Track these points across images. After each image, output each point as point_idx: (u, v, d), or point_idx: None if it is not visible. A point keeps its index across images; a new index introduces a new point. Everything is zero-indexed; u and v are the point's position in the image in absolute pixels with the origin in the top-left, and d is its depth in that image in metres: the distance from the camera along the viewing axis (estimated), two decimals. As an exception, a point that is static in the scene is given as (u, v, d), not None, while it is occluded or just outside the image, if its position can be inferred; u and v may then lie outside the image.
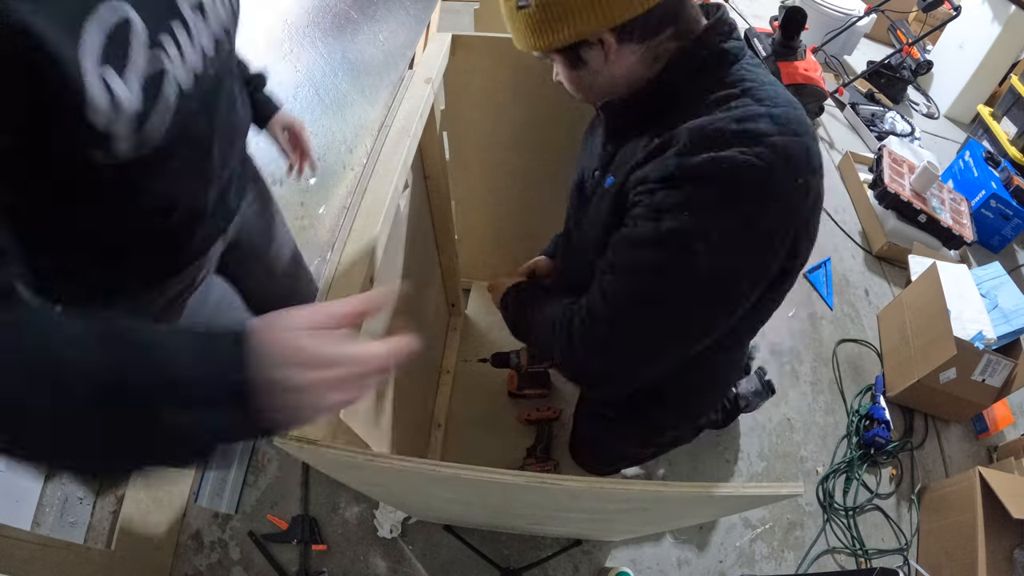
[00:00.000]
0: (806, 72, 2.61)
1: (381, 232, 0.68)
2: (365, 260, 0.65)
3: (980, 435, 1.82)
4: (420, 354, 1.31)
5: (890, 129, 2.81)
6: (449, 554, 1.40)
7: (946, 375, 1.62)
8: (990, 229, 2.39)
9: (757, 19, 3.42)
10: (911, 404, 1.80)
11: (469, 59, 1.08)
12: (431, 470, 0.54)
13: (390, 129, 0.80)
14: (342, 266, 0.64)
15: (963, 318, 1.71)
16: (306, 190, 1.66)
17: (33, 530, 1.28)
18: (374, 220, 0.68)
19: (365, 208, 0.70)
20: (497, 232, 1.57)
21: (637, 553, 1.45)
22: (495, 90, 1.15)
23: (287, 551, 1.39)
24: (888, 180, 2.22)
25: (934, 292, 1.74)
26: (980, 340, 1.64)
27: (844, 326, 2.02)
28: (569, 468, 1.46)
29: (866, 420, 1.74)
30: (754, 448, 1.68)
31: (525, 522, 1.12)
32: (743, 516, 1.55)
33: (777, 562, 1.49)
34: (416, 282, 1.14)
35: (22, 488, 1.29)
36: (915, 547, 1.56)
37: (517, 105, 1.17)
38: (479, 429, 1.51)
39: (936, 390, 1.67)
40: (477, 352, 1.62)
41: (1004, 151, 2.62)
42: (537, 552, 1.41)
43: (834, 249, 2.26)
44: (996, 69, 2.99)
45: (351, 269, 0.64)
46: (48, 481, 1.36)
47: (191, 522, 1.42)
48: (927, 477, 1.71)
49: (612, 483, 0.53)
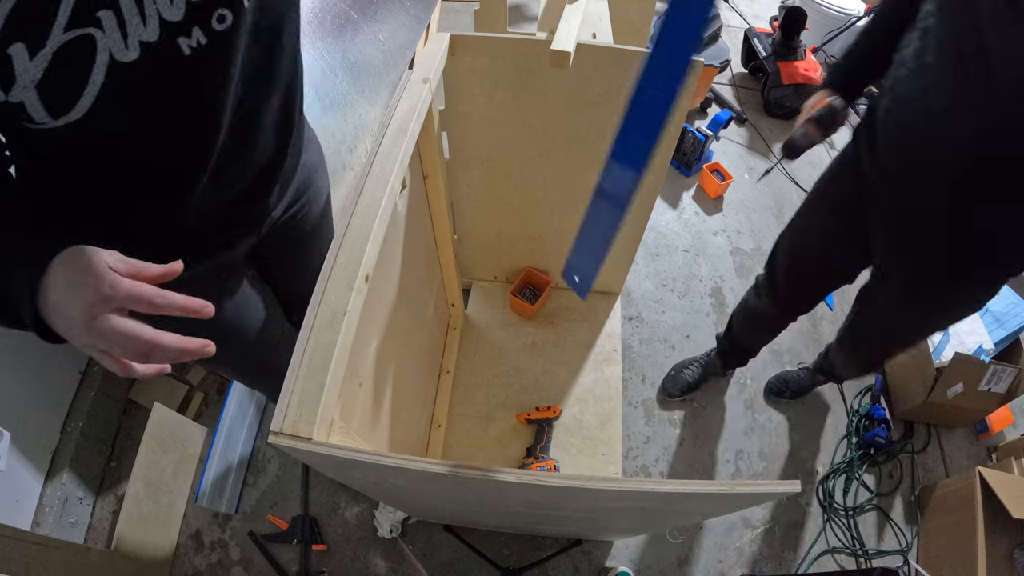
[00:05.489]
0: (806, 72, 2.61)
1: (377, 231, 0.69)
2: (361, 259, 0.65)
3: (980, 435, 1.81)
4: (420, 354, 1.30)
5: (890, 129, 2.80)
6: (449, 554, 1.40)
7: (954, 390, 1.61)
8: (990, 229, 2.38)
9: (757, 19, 3.42)
10: (919, 419, 1.80)
11: (469, 59, 1.08)
12: (429, 469, 0.54)
13: (387, 129, 0.81)
14: (338, 266, 0.64)
15: (960, 331, 1.70)
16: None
17: (33, 530, 1.29)
18: (370, 219, 0.69)
19: (361, 207, 0.70)
20: (497, 232, 1.58)
21: (637, 553, 1.45)
22: (495, 90, 1.15)
23: (287, 551, 1.39)
24: (888, 180, 2.21)
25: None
26: (981, 353, 1.64)
27: (844, 326, 2.02)
28: (569, 467, 1.46)
29: (866, 420, 1.74)
30: (754, 448, 1.68)
31: (525, 522, 1.12)
32: (743, 516, 1.55)
33: (777, 562, 1.49)
34: (416, 282, 1.14)
35: (22, 488, 1.30)
36: (915, 547, 1.56)
37: (517, 105, 1.17)
38: (479, 429, 1.51)
39: (944, 405, 1.66)
40: (476, 351, 1.63)
41: (1004, 151, 2.61)
42: (537, 552, 1.41)
43: (834, 249, 2.26)
44: (996, 69, 2.98)
45: (347, 269, 0.64)
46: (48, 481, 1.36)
47: (191, 522, 1.42)
48: (927, 477, 1.70)
49: (609, 482, 0.53)
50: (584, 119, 1.19)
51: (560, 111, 1.17)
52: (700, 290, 2.02)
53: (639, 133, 0.49)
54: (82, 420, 1.44)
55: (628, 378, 1.75)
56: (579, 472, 1.44)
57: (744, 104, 2.79)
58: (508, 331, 1.68)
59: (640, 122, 0.49)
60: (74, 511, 1.39)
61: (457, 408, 1.53)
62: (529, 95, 1.15)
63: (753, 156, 2.56)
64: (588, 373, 1.62)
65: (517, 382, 1.59)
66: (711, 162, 2.33)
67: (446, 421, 1.50)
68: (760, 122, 2.73)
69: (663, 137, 0.47)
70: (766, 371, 1.84)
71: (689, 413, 1.72)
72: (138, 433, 1.41)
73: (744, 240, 2.20)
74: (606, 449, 1.49)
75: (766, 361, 1.86)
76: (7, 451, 1.25)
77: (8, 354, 1.29)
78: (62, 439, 1.42)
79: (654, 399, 1.74)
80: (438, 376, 1.56)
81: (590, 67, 1.07)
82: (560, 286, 1.75)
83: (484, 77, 1.12)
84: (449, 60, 1.05)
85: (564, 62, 0.92)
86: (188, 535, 1.41)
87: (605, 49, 1.05)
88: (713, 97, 2.69)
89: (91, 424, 1.46)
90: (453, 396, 1.55)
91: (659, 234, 2.15)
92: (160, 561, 1.34)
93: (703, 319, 1.94)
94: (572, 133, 1.23)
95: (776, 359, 1.87)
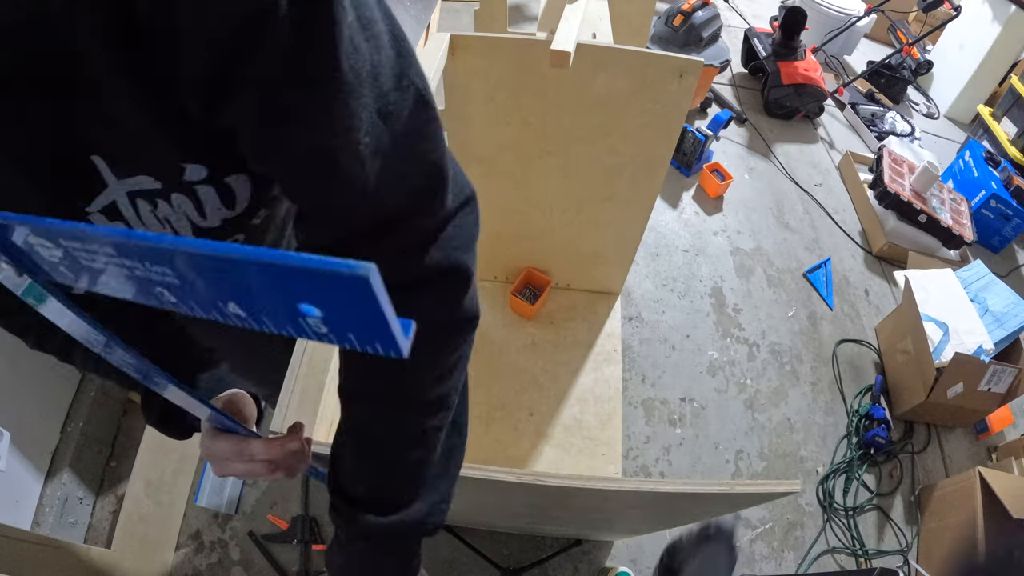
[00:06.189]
0: (806, 72, 2.61)
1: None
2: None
3: (980, 435, 1.81)
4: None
5: (890, 129, 2.81)
6: (449, 554, 1.40)
7: (953, 390, 1.61)
8: (990, 229, 2.39)
9: (757, 19, 3.42)
10: (919, 419, 1.80)
11: (469, 59, 1.08)
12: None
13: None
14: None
15: (960, 331, 1.70)
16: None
17: (33, 530, 1.28)
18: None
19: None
20: (497, 232, 1.58)
21: (637, 553, 1.45)
22: (495, 90, 1.15)
23: (287, 551, 1.39)
24: (888, 180, 2.22)
25: (914, 315, 1.75)
26: (981, 353, 1.64)
27: (844, 326, 2.02)
28: (569, 467, 1.46)
29: (866, 420, 1.74)
30: (754, 448, 1.68)
31: (525, 522, 1.12)
32: (743, 516, 1.55)
33: (777, 562, 1.49)
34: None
35: (22, 488, 1.30)
36: (915, 547, 1.56)
37: (517, 105, 1.17)
38: (479, 429, 1.51)
39: (944, 405, 1.66)
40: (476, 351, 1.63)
41: (1004, 151, 2.62)
42: (537, 552, 1.41)
43: (834, 249, 2.26)
44: (996, 69, 2.99)
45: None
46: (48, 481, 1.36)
47: (191, 522, 1.42)
48: (927, 477, 1.70)
49: (607, 481, 0.53)
50: (584, 119, 1.19)
51: (560, 111, 1.17)
52: (700, 290, 2.02)
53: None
54: (82, 420, 1.44)
55: (628, 378, 1.75)
56: (579, 472, 1.44)
57: (744, 104, 2.79)
58: (508, 331, 1.68)
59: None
60: (74, 511, 1.39)
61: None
62: (529, 95, 1.15)
63: (753, 156, 2.56)
64: (588, 373, 1.62)
65: (517, 382, 1.59)
66: (711, 162, 2.33)
67: (446, 421, 1.49)
68: (760, 122, 2.73)
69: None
70: (766, 371, 1.84)
71: (689, 413, 1.72)
72: (138, 433, 1.41)
73: (744, 240, 2.20)
74: (606, 449, 1.49)
75: (766, 361, 1.86)
76: (7, 451, 1.25)
77: (8, 354, 1.29)
78: (62, 439, 1.42)
79: (654, 399, 1.74)
80: (438, 376, 1.56)
81: (590, 67, 1.07)
82: (560, 286, 1.75)
83: (484, 77, 1.12)
84: (449, 60, 1.05)
85: (564, 62, 0.92)
86: (188, 535, 1.40)
87: (605, 49, 1.05)
88: (713, 97, 2.69)
89: (91, 424, 1.46)
90: (453, 396, 1.55)
91: (659, 234, 2.15)
92: (160, 561, 1.34)
93: (703, 319, 1.94)
94: (572, 133, 1.23)
95: (776, 359, 1.88)
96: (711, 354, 1.86)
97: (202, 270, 0.23)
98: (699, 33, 2.50)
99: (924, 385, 1.66)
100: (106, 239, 0.23)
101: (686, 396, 1.75)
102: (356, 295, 0.21)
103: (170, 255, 0.22)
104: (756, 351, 1.89)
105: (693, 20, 2.48)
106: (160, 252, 0.23)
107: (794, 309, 2.03)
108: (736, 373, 1.82)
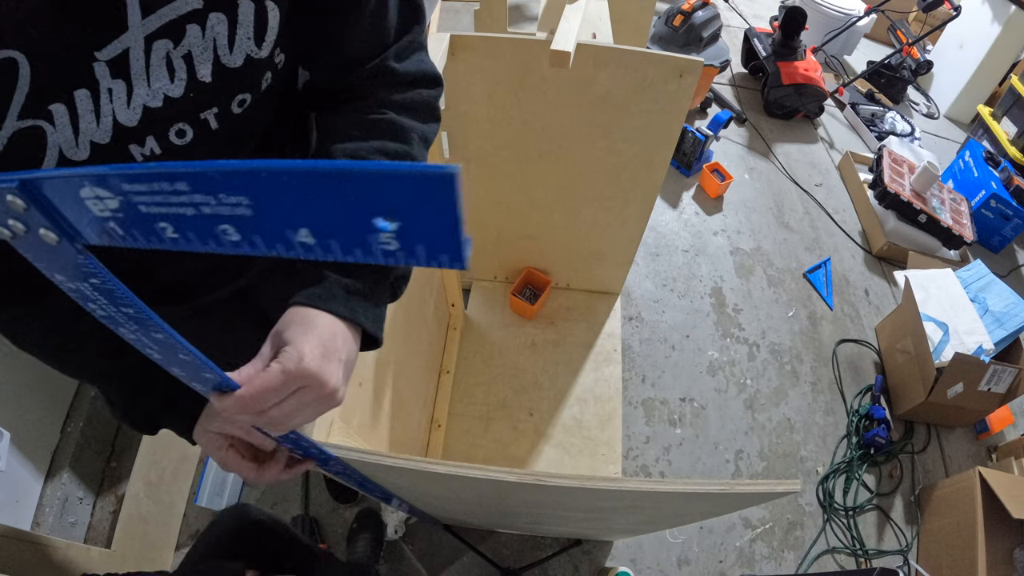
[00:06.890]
0: (806, 72, 2.61)
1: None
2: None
3: (980, 435, 1.81)
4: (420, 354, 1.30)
5: (890, 129, 2.81)
6: (449, 554, 1.40)
7: (954, 390, 1.61)
8: (990, 229, 2.39)
9: (757, 19, 3.42)
10: (919, 419, 1.80)
11: (469, 59, 1.08)
12: (429, 469, 0.54)
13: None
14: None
15: (960, 331, 1.70)
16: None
17: (33, 530, 1.28)
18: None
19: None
20: (497, 232, 1.58)
21: (637, 553, 1.45)
22: (495, 90, 1.15)
23: (287, 551, 1.39)
24: (888, 180, 2.22)
25: (914, 315, 1.75)
26: (981, 353, 1.64)
27: (844, 326, 2.02)
28: (569, 467, 1.46)
29: (866, 420, 1.74)
30: (754, 448, 1.68)
31: (524, 521, 1.12)
32: (743, 516, 1.55)
33: (777, 562, 1.49)
34: (415, 282, 1.14)
35: (22, 488, 1.30)
36: (915, 547, 1.56)
37: (517, 105, 1.17)
38: (479, 429, 1.51)
39: (944, 405, 1.66)
40: (476, 351, 1.63)
41: (1004, 151, 2.62)
42: (537, 552, 1.41)
43: (834, 249, 2.26)
44: (996, 69, 2.99)
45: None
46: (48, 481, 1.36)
47: (191, 522, 1.42)
48: (927, 477, 1.70)
49: (607, 481, 0.53)
50: (584, 119, 1.19)
51: (560, 111, 1.17)
52: (700, 290, 2.02)
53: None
54: (82, 420, 1.44)
55: (628, 378, 1.75)
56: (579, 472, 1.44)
57: (744, 104, 2.79)
58: (508, 331, 1.69)
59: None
60: (74, 511, 1.39)
61: (457, 408, 1.53)
62: (529, 95, 1.15)
63: (753, 156, 2.56)
64: (588, 373, 1.62)
65: (517, 382, 1.59)
66: (711, 162, 2.33)
67: (446, 421, 1.50)
68: (760, 122, 2.73)
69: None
70: (766, 371, 1.84)
71: (689, 413, 1.72)
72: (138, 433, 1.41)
73: (744, 240, 2.20)
74: (606, 449, 1.49)
75: (766, 361, 1.86)
76: (7, 451, 1.25)
77: (8, 354, 1.29)
78: (62, 439, 1.42)
79: (654, 399, 1.74)
80: (438, 376, 1.56)
81: (590, 67, 1.07)
82: (560, 286, 1.75)
83: (484, 77, 1.12)
84: (449, 60, 1.05)
85: (564, 62, 0.92)
86: (188, 535, 1.40)
87: (605, 49, 1.05)
88: (713, 97, 2.69)
89: (91, 424, 1.46)
90: (453, 396, 1.55)
91: (659, 234, 2.15)
92: (160, 561, 1.34)
93: (703, 319, 1.94)
94: (572, 133, 1.23)
95: (776, 359, 1.88)
96: (711, 354, 1.86)
97: (286, 191, 0.23)
98: (699, 33, 2.50)
99: (924, 385, 1.66)
100: (184, 171, 0.23)
101: (686, 396, 1.75)
102: (438, 198, 0.22)
103: (255, 177, 0.23)
104: (756, 351, 1.89)
105: (693, 20, 2.48)
106: (245, 176, 0.23)
107: (794, 309, 2.03)
108: (736, 373, 1.82)
